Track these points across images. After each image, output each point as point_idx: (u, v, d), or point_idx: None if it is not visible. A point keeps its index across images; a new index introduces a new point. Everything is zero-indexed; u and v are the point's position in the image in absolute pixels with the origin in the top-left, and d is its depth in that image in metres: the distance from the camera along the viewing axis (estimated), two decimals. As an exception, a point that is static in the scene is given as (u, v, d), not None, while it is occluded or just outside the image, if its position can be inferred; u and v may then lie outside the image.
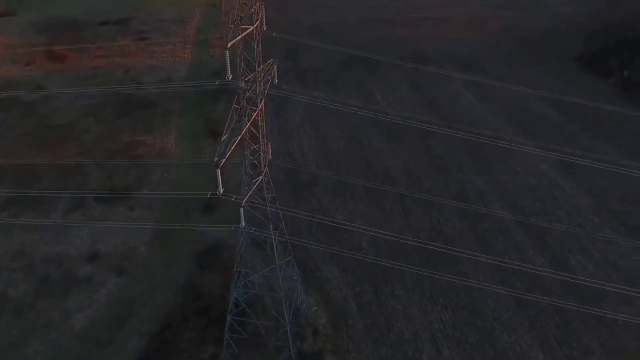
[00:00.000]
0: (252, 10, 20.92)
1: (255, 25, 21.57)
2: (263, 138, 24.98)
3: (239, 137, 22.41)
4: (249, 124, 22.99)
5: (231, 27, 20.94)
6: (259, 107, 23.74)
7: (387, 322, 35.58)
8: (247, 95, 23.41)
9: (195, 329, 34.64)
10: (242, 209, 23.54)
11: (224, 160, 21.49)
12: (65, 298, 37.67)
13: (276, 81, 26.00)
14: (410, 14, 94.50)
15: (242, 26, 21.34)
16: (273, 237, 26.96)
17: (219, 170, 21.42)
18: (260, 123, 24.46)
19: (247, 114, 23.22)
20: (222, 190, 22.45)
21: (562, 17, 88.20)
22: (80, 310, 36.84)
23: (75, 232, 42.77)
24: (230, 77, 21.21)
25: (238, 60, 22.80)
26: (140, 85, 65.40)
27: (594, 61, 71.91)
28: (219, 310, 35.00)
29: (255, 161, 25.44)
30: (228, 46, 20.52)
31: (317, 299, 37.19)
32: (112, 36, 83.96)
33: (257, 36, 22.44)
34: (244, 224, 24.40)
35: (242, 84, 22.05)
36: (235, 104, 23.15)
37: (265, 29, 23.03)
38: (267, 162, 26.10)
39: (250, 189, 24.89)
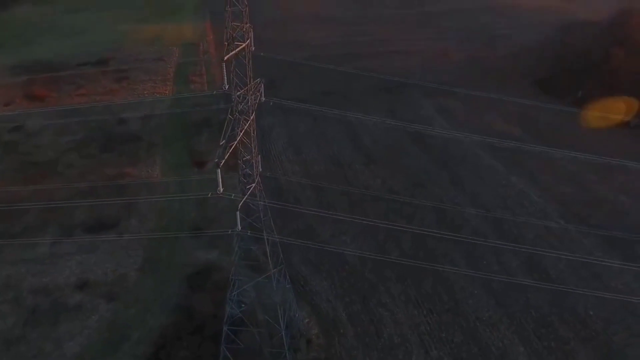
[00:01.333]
0: (243, 30, 23.34)
1: (246, 43, 23.97)
2: (255, 148, 27.05)
3: (235, 142, 24.41)
4: (242, 132, 25.07)
5: (225, 44, 23.17)
6: (251, 118, 25.92)
7: (377, 328, 36.98)
8: (239, 108, 25.53)
9: (190, 347, 35.20)
10: (237, 213, 25.15)
11: (223, 161, 23.28)
12: (56, 327, 37.63)
13: (263, 99, 28.30)
14: (379, 47, 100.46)
15: (236, 42, 23.57)
16: (266, 240, 28.48)
17: (219, 170, 23.24)
18: (252, 134, 26.56)
19: (240, 124, 25.31)
20: (222, 190, 24.16)
21: (519, 46, 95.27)
22: (72, 338, 36.82)
23: (64, 262, 43.12)
24: (227, 87, 23.33)
25: (232, 74, 24.92)
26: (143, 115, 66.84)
27: (551, 83, 77.74)
28: (213, 328, 35.84)
29: (248, 170, 27.32)
30: (225, 59, 22.71)
31: (308, 311, 38.40)
32: (92, 76, 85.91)
33: (248, 53, 24.81)
34: (239, 227, 25.96)
35: (235, 96, 24.08)
36: (230, 114, 25.24)
37: (253, 49, 25.46)
38: (259, 171, 28.04)
39: (245, 195, 26.64)
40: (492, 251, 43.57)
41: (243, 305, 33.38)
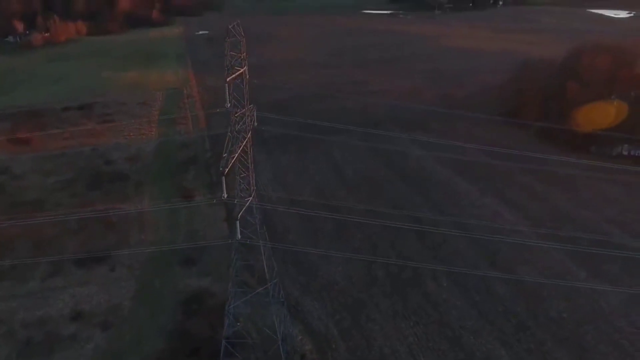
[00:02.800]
0: (241, 57, 26.41)
1: (244, 69, 27.03)
2: (251, 165, 29.57)
3: (236, 155, 26.95)
4: (240, 148, 27.68)
5: (226, 69, 26.04)
6: (247, 136, 28.65)
7: (367, 342, 38.59)
8: (237, 128, 28.22)
9: (187, 369, 36.02)
10: (237, 222, 27.30)
11: (227, 169, 25.68)
12: (51, 357, 37.92)
13: (256, 124, 31.20)
14: (356, 88, 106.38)
15: (235, 67, 26.54)
16: (262, 248, 30.44)
17: (224, 177, 25.60)
18: (248, 152, 29.18)
19: (238, 141, 27.95)
20: (226, 196, 26.37)
21: (483, 84, 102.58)
22: (68, 367, 37.20)
23: (56, 295, 43.65)
24: (229, 106, 26.07)
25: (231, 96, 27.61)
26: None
27: (515, 116, 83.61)
28: (209, 349, 36.92)
29: (245, 185, 29.69)
30: (228, 80, 25.56)
31: (301, 329, 39.77)
32: (77, 120, 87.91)
33: (245, 77, 27.80)
34: (239, 236, 28.00)
35: (233, 117, 26.75)
36: (229, 132, 27.85)
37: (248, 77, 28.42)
38: (254, 187, 30.44)
39: (244, 207, 28.88)
40: (470, 266, 46.37)
41: (239, 323, 34.67)
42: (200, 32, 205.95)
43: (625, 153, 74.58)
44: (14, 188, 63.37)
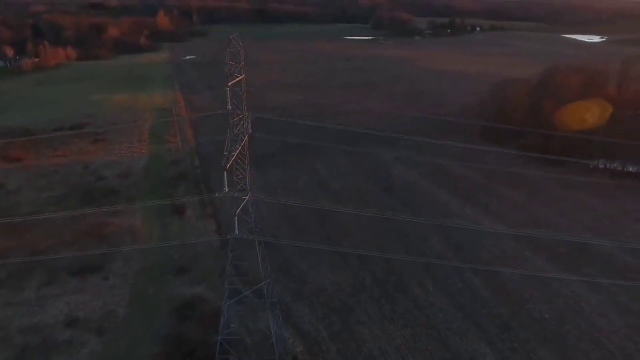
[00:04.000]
0: (240, 66, 28.59)
1: (242, 76, 29.17)
2: (248, 166, 31.37)
3: (235, 153, 28.81)
4: (240, 146, 29.59)
5: (226, 75, 28.07)
6: (244, 139, 30.58)
7: (357, 344, 39.88)
8: (235, 131, 30.16)
9: (182, 372, 36.81)
10: (235, 218, 28.95)
11: (228, 165, 27.45)
12: (46, 362, 38.42)
13: (250, 131, 33.20)
14: (338, 108, 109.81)
15: (235, 74, 28.66)
16: (257, 244, 31.91)
17: (225, 172, 27.37)
18: (245, 154, 31.06)
19: (238, 142, 29.86)
20: (227, 189, 28.05)
21: (462, 105, 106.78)
22: (63, 372, 37.67)
23: (51, 303, 44.24)
24: (230, 108, 28.04)
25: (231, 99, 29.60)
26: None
27: (493, 133, 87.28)
28: (203, 352, 37.83)
29: (242, 185, 31.41)
30: (229, 85, 27.59)
31: (292, 332, 40.95)
32: (68, 140, 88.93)
33: (243, 84, 29.92)
34: (237, 232, 29.58)
35: (232, 121, 28.72)
36: (229, 134, 29.72)
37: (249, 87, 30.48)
38: (250, 186, 32.16)
39: (240, 205, 30.54)
40: (455, 271, 48.34)
41: (233, 325, 35.80)
42: (187, 57, 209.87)
43: (601, 166, 78.27)
44: (8, 203, 63.90)
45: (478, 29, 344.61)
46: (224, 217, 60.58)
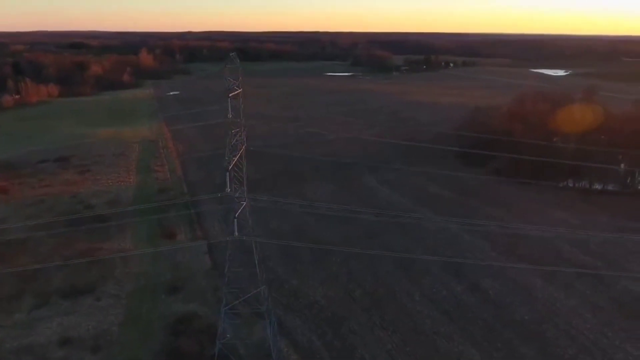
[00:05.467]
0: (239, 81, 31.21)
1: (239, 90, 31.76)
2: (245, 174, 33.46)
3: (235, 159, 30.91)
4: (239, 154, 31.77)
5: (226, 89, 30.52)
6: (242, 149, 32.83)
7: (349, 351, 41.17)
8: (234, 141, 32.42)
9: (179, 384, 37.36)
10: (235, 220, 30.78)
11: (230, 166, 29.48)
12: (40, 382, 38.44)
13: (245, 144, 35.55)
14: (320, 137, 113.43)
15: (234, 86, 31.23)
16: (254, 247, 33.55)
17: (227, 173, 29.39)
18: (243, 163, 33.25)
19: (237, 149, 32.06)
20: (229, 190, 29.95)
21: (439, 131, 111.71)
22: (58, 390, 37.73)
23: (44, 324, 44.35)
24: (230, 117, 30.36)
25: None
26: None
27: (469, 157, 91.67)
28: (200, 363, 38.64)
29: (240, 193, 33.38)
30: (230, 96, 30.04)
31: (286, 343, 42.02)
32: (54, 171, 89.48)
33: (240, 98, 32.44)
34: (237, 233, 31.30)
35: (231, 132, 31.03)
36: (228, 141, 31.91)
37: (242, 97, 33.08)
38: (246, 191, 34.12)
39: (239, 209, 32.39)
40: (438, 281, 50.52)
41: (228, 335, 36.86)
42: (171, 93, 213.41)
43: (570, 185, 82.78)
44: (-5, 231, 63.78)
45: (452, 64, 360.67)
46: (214, 239, 61.93)
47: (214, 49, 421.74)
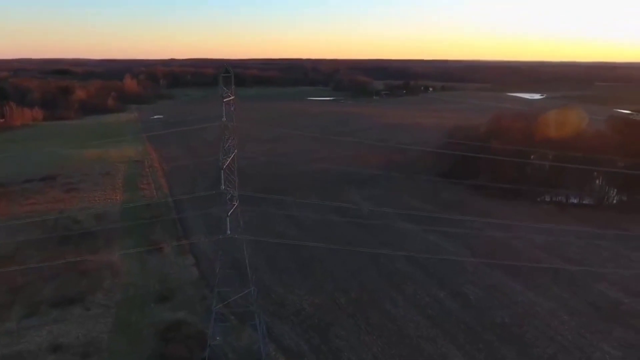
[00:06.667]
0: (231, 90, 33.29)
1: (232, 98, 33.81)
2: (236, 177, 35.14)
3: (228, 161, 32.67)
4: (231, 157, 33.54)
5: (220, 96, 32.57)
6: (233, 154, 34.66)
7: (336, 355, 42.23)
8: (227, 145, 34.26)
9: (169, 387, 37.95)
10: (227, 219, 32.28)
11: (225, 165, 31.16)
12: (29, 388, 38.59)
13: (236, 151, 37.40)
14: (307, 157, 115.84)
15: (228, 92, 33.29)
16: (245, 245, 34.90)
17: (222, 171, 31.03)
18: (235, 166, 35.01)
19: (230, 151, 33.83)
20: (223, 187, 31.50)
21: (422, 150, 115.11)
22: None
23: (34, 332, 44.57)
24: (224, 119, 32.21)
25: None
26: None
27: (451, 173, 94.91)
28: (189, 368, 39.33)
29: (232, 194, 34.98)
30: (224, 101, 32.01)
31: (274, 347, 42.98)
32: (40, 190, 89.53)
33: (233, 104, 34.45)
34: (229, 232, 32.75)
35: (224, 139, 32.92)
36: (222, 144, 33.67)
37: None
38: (237, 194, 35.71)
39: (231, 209, 33.91)
40: (421, 288, 52.31)
41: (218, 338, 37.84)
42: (155, 117, 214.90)
43: (547, 199, 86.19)
44: (-20, 247, 63.62)
45: (431, 89, 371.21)
46: (201, 252, 62.92)
47: (198, 74, 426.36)
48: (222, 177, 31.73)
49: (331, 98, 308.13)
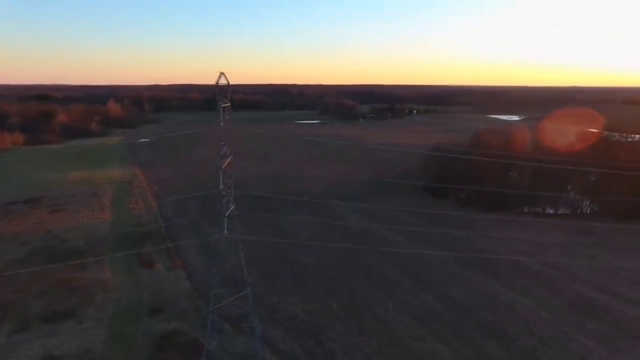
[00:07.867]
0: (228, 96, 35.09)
1: (228, 104, 35.55)
2: (231, 179, 36.56)
3: (225, 163, 34.15)
4: (227, 161, 35.04)
5: (217, 103, 34.18)
6: (229, 158, 36.22)
7: (329, 356, 43.25)
8: (224, 150, 35.81)
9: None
10: (225, 219, 33.56)
11: (223, 166, 32.58)
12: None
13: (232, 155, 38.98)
14: (296, 174, 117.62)
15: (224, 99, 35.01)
16: (240, 246, 36.05)
17: (220, 171, 32.42)
18: (231, 167, 36.48)
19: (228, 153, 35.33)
20: (222, 187, 32.84)
21: (407, 168, 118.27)
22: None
23: (25, 346, 44.49)
24: (222, 124, 33.83)
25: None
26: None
27: (436, 188, 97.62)
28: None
29: (228, 196, 36.31)
30: (221, 107, 33.70)
31: (269, 351, 43.77)
32: (25, 211, 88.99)
33: (229, 111, 36.10)
34: (226, 231, 33.95)
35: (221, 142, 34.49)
36: (219, 149, 35.17)
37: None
38: (233, 195, 37.04)
39: (227, 211, 35.23)
40: (409, 292, 53.84)
41: (214, 342, 38.59)
42: (141, 140, 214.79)
43: (526, 210, 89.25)
44: (-32, 266, 63.09)
45: (415, 112, 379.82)
46: (193, 267, 63.52)
47: (184, 99, 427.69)
48: (220, 178, 33.18)
49: (318, 121, 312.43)
